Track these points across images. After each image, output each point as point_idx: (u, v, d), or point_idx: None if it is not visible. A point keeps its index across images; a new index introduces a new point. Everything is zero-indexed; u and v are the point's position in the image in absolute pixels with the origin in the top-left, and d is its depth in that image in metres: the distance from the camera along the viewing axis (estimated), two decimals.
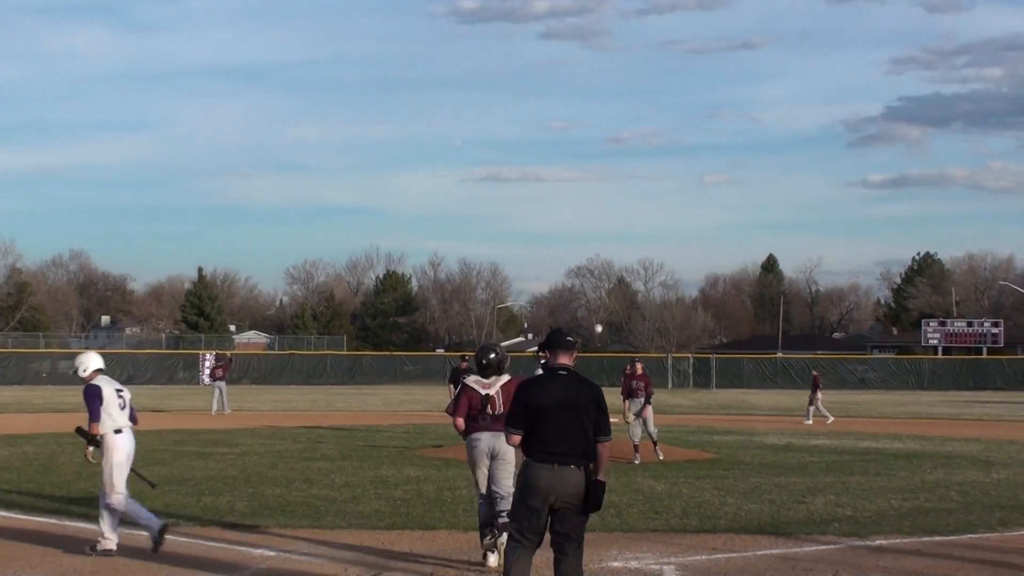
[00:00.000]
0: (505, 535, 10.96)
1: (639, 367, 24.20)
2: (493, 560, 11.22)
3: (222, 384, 42.69)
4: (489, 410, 11.51)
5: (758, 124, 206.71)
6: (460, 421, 11.64)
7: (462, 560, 11.55)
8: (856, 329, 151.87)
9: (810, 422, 38.67)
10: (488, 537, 11.36)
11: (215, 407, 41.95)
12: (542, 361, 9.07)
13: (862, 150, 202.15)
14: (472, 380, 11.84)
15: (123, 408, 12.21)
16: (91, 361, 12.45)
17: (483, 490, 11.55)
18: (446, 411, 12.75)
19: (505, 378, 11.75)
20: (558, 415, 8.64)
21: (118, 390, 12.28)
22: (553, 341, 9.04)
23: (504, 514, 11.05)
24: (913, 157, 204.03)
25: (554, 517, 8.61)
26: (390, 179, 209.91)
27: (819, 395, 39.60)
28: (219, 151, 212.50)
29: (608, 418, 8.87)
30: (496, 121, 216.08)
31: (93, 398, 12.04)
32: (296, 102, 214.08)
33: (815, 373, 41.98)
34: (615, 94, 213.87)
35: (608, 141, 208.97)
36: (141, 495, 16.62)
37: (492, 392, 11.62)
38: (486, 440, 11.48)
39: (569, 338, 9.10)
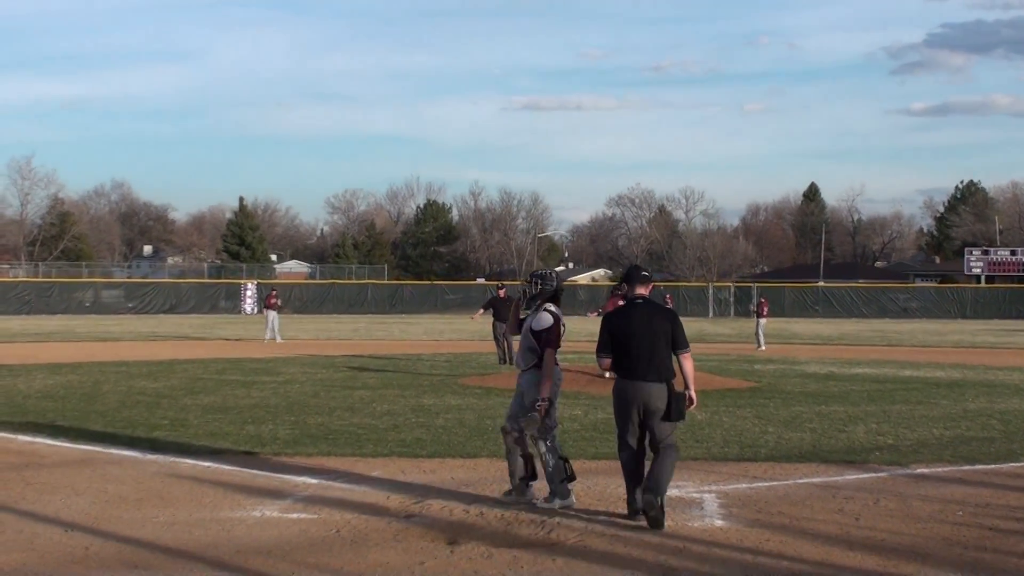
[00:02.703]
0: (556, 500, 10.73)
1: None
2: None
3: (273, 313, 43.63)
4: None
5: (798, 52, 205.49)
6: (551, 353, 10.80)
7: (503, 488, 11.55)
8: (899, 258, 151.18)
9: (763, 348, 40.08)
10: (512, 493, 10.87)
11: (267, 335, 43.64)
12: (618, 293, 9.66)
13: (904, 78, 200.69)
14: (555, 309, 11.00)
15: None
16: None
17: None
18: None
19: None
20: (641, 339, 10.16)
21: None
22: (631, 275, 10.61)
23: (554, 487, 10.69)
24: (956, 84, 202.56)
25: (646, 424, 10.15)
26: (430, 108, 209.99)
27: (763, 321, 40.37)
28: (259, 81, 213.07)
29: (684, 332, 10.35)
30: (535, 50, 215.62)
31: None
32: (335, 31, 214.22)
33: (762, 300, 42.68)
34: (654, 22, 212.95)
35: (647, 70, 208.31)
36: (185, 422, 16.77)
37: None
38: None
39: (644, 273, 10.66)
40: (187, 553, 8.89)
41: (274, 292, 46.34)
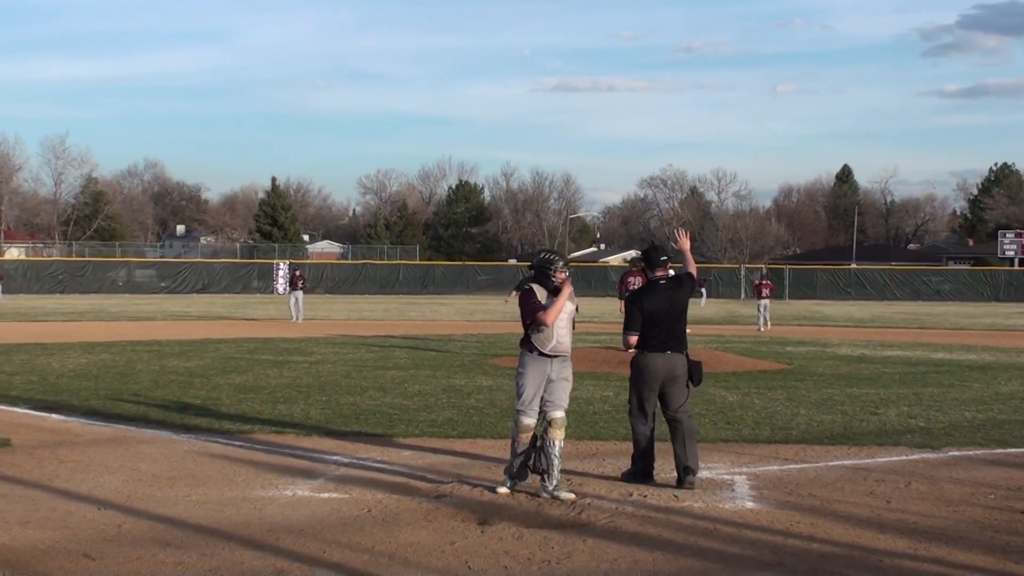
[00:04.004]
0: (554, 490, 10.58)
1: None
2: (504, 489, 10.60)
3: (299, 294, 44.04)
4: None
5: (831, 33, 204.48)
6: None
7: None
8: (932, 240, 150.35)
9: (766, 328, 40.60)
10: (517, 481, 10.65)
11: (296, 316, 44.05)
12: (635, 268, 9.73)
13: (937, 59, 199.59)
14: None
15: None
16: None
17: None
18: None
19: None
20: (667, 317, 10.88)
21: None
22: (652, 260, 11.20)
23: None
24: (989, 66, 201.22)
25: (665, 394, 10.89)
26: (462, 89, 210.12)
27: (764, 302, 41.11)
28: (291, 61, 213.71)
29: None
30: (566, 31, 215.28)
31: None
32: (367, 11, 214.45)
33: (764, 280, 42.72)
34: (685, 3, 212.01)
35: (679, 50, 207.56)
36: (218, 401, 16.84)
37: None
38: None
39: (663, 257, 11.23)
40: (219, 531, 8.94)
41: (298, 273, 46.72)
